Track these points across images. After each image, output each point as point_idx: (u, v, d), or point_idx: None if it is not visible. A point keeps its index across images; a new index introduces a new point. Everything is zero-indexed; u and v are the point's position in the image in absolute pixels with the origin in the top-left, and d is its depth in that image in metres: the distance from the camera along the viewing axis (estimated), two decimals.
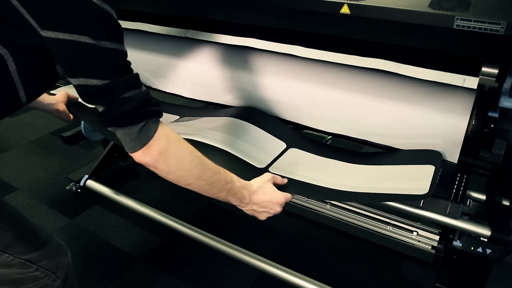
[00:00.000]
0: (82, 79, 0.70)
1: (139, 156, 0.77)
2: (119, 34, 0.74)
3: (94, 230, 1.84)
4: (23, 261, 0.94)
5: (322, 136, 1.28)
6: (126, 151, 0.78)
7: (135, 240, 1.79)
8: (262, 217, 0.99)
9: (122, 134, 0.76)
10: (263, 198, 0.95)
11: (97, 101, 0.73)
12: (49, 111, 1.28)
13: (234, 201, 0.93)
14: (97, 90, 0.71)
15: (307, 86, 1.18)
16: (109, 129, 0.76)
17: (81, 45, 0.68)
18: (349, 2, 0.91)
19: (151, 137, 0.76)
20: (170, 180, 0.83)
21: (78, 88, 0.72)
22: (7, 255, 0.91)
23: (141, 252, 1.73)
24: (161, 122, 0.79)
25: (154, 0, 1.26)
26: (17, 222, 0.95)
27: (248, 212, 0.98)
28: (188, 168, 0.82)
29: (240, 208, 0.97)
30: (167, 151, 0.78)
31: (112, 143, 2.08)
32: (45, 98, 1.24)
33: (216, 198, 0.90)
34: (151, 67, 1.46)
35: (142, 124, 0.75)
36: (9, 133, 2.61)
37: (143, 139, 0.76)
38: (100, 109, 0.74)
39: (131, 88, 0.73)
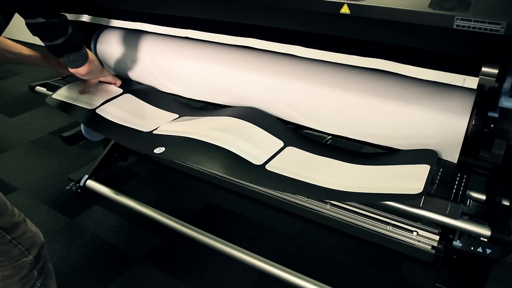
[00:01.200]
0: (40, 18, 1.00)
1: (85, 68, 1.22)
2: None
3: (94, 230, 1.85)
4: None
5: (322, 136, 1.28)
6: (75, 69, 1.21)
7: (135, 240, 1.80)
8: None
9: (77, 56, 1.15)
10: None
11: (58, 33, 1.06)
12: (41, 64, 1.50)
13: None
14: (56, 25, 1.04)
15: (306, 86, 1.18)
16: (65, 56, 1.12)
17: None
18: (349, 2, 0.91)
19: (88, 54, 1.22)
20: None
21: (38, 25, 1.01)
22: None
23: (141, 252, 1.73)
24: None
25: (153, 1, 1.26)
26: None
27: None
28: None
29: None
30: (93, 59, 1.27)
31: (112, 143, 2.08)
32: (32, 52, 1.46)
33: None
34: (151, 67, 1.46)
35: (84, 46, 1.18)
36: (9, 133, 2.62)
37: (87, 55, 1.21)
38: (60, 40, 1.07)
39: (72, 23, 1.10)
